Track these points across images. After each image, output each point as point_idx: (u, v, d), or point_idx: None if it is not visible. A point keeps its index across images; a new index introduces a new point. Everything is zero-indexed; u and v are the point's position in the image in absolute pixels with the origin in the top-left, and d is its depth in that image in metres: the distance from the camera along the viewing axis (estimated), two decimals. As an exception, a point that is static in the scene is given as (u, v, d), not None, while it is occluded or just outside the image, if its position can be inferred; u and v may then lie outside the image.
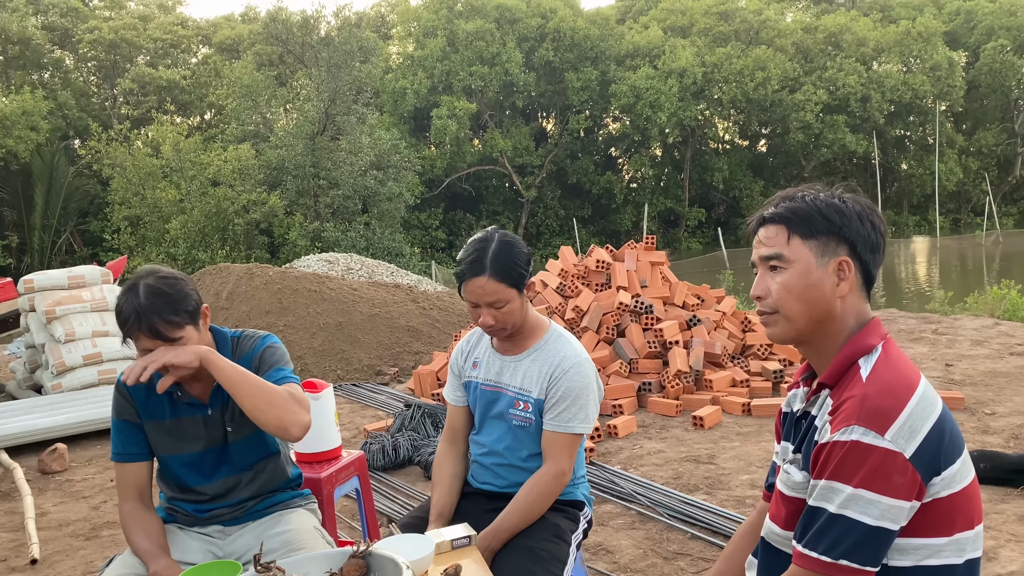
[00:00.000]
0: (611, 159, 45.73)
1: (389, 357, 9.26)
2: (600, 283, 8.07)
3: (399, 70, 37.71)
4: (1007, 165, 44.47)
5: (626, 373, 7.09)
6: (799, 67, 39.39)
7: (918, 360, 7.56)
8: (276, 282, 10.03)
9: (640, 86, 36.30)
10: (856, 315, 1.57)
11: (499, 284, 2.40)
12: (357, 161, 24.42)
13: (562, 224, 41.01)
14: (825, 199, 1.56)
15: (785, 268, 1.55)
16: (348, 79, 24.46)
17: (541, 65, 38.17)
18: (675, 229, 42.81)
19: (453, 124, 34.63)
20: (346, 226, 24.21)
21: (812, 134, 39.46)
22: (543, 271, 8.45)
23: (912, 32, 40.33)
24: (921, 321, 9.44)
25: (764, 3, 44.49)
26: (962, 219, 44.18)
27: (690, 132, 40.52)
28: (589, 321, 7.50)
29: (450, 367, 2.77)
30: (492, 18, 37.39)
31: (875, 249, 1.56)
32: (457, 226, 40.04)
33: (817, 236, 1.53)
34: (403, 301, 10.33)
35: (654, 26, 40.50)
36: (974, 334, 8.48)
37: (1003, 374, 6.84)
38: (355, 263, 13.31)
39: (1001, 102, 44.01)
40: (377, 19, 44.04)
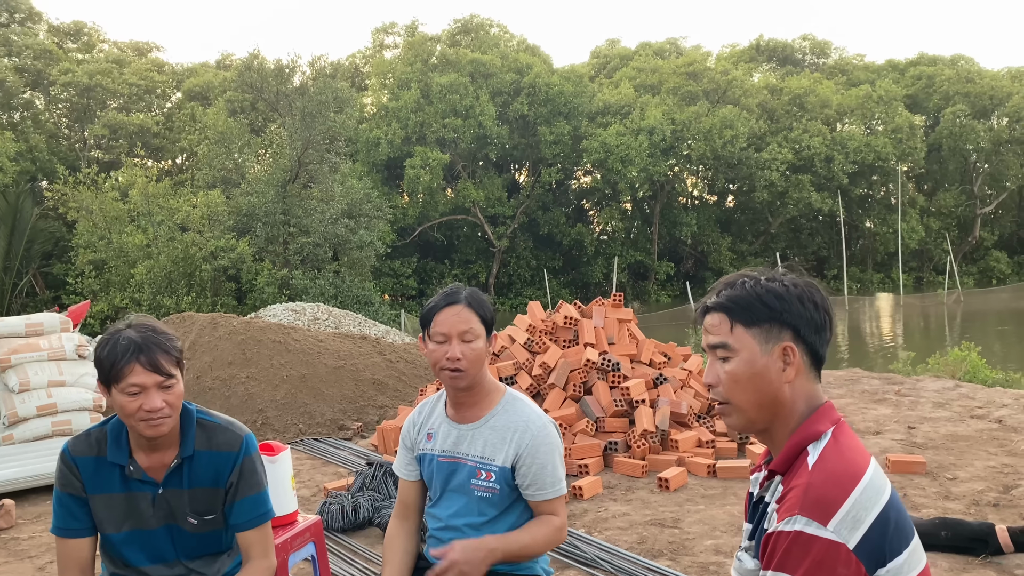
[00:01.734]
0: (582, 211, 46.24)
1: (353, 411, 9.12)
2: (568, 339, 8.05)
3: (373, 120, 38.06)
4: (967, 226, 45.65)
5: (592, 432, 7.05)
6: (765, 127, 40.38)
7: (881, 422, 7.61)
8: (240, 332, 9.89)
9: (611, 142, 36.94)
10: (807, 399, 1.55)
11: (472, 314, 2.38)
12: (328, 209, 24.41)
13: (533, 274, 41.20)
14: (765, 285, 1.56)
15: (731, 357, 1.55)
16: (322, 128, 24.58)
17: (515, 119, 38.74)
18: (645, 282, 43.18)
19: (426, 174, 34.90)
20: (315, 273, 24.07)
21: (778, 192, 40.28)
22: (511, 326, 8.42)
23: (874, 96, 41.65)
24: (884, 382, 9.52)
25: (731, 64, 45.80)
26: (924, 277, 45.11)
27: (659, 187, 41.17)
28: (556, 378, 7.47)
29: (401, 439, 2.68)
30: (467, 72, 37.99)
31: (819, 329, 1.55)
32: (429, 275, 40.06)
33: (759, 324, 1.54)
34: (369, 353, 10.23)
35: (625, 84, 41.40)
36: (936, 396, 8.58)
37: (964, 438, 6.89)
38: (322, 313, 13.19)
39: (960, 165, 45.37)
40: (352, 70, 44.52)
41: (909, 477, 5.91)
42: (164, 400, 2.16)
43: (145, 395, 2.14)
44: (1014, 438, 6.79)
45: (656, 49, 48.83)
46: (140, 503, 2.29)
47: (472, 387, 2.48)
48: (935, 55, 49.12)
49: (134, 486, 2.29)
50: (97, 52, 38.77)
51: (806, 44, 50.71)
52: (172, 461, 2.28)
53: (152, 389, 2.13)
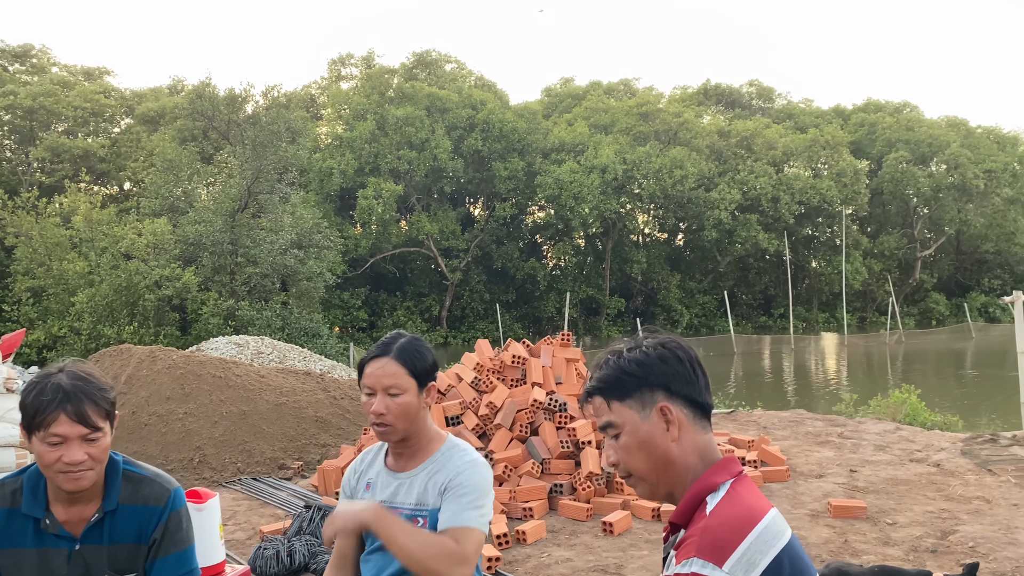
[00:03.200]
0: (536, 246, 46.47)
1: (294, 450, 8.90)
2: (515, 379, 7.99)
3: (327, 150, 37.87)
4: (908, 268, 47.00)
5: (538, 474, 6.97)
6: (714, 167, 41.23)
7: (824, 465, 7.67)
8: (179, 366, 9.62)
9: (564, 179, 37.32)
10: (698, 451, 1.58)
11: (400, 368, 2.31)
12: (278, 239, 24.08)
13: (486, 308, 41.13)
14: (626, 356, 1.62)
15: (619, 432, 1.60)
16: (273, 158, 24.33)
17: (470, 153, 38.93)
18: (596, 317, 43.42)
19: (379, 205, 34.77)
20: (262, 305, 23.66)
21: (726, 231, 41.02)
22: (458, 364, 8.34)
23: (819, 140, 42.90)
24: (828, 424, 9.63)
25: (682, 106, 46.79)
26: (868, 317, 46.18)
27: (612, 224, 41.63)
28: (503, 418, 7.38)
29: (342, 488, 2.62)
30: (423, 106, 38.14)
31: (690, 380, 1.60)
32: (380, 307, 39.72)
33: (631, 394, 1.59)
34: (313, 390, 10.01)
35: (579, 123, 41.97)
36: (877, 439, 8.69)
37: (904, 481, 6.97)
38: (266, 347, 12.91)
39: (901, 209, 46.82)
40: (307, 99, 44.35)
41: (850, 522, 5.94)
42: (87, 453, 2.03)
43: (67, 446, 2.01)
44: (951, 483, 6.89)
45: (608, 88, 49.72)
46: (54, 560, 2.14)
47: (406, 439, 2.41)
48: (881, 102, 50.96)
49: (48, 541, 2.15)
50: (44, 74, 37.99)
51: (752, 89, 52.17)
52: (93, 515, 2.14)
53: (75, 441, 2.01)
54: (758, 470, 7.29)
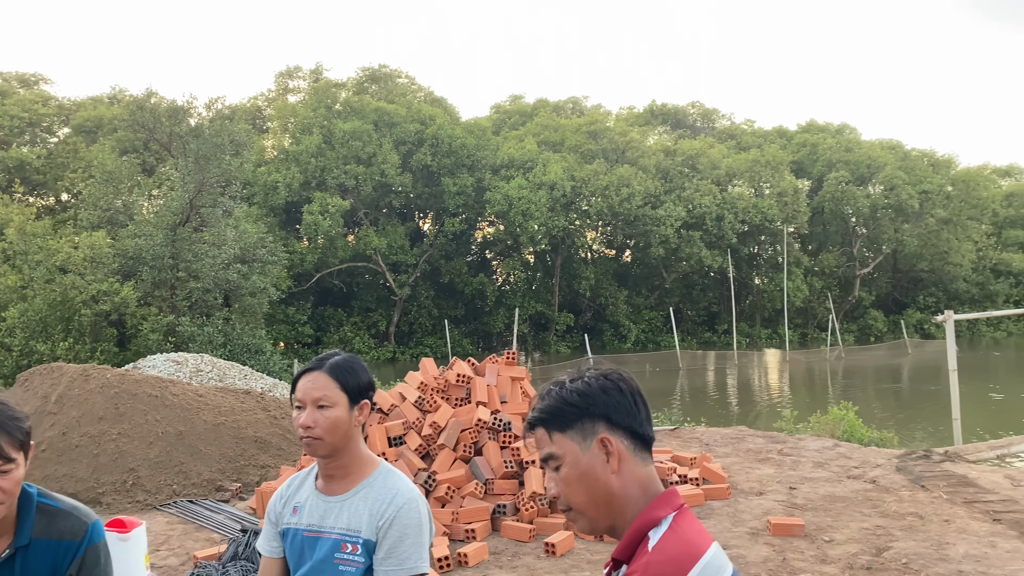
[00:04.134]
0: (485, 261, 46.49)
1: (232, 471, 8.68)
2: (460, 398, 7.93)
3: (273, 163, 37.38)
4: (847, 286, 48.23)
5: (481, 494, 6.91)
6: (660, 186, 41.83)
7: (764, 483, 7.76)
8: (114, 385, 9.32)
9: (513, 195, 37.45)
10: (640, 484, 1.57)
11: (330, 381, 2.28)
12: (220, 254, 23.59)
13: (435, 323, 40.93)
14: (569, 387, 1.62)
15: (560, 464, 1.59)
16: (216, 171, 23.85)
17: (419, 168, 38.82)
18: (545, 332, 43.54)
19: (325, 220, 34.42)
20: (204, 320, 23.12)
21: (672, 248, 41.61)
22: (402, 383, 8.24)
23: (761, 160, 43.89)
24: (768, 440, 9.77)
25: (629, 126, 47.47)
26: (809, 334, 47.19)
27: (560, 240, 41.89)
28: (446, 438, 7.31)
29: (266, 514, 2.53)
30: (371, 120, 37.95)
31: (631, 412, 1.60)
32: (326, 322, 39.23)
33: (572, 425, 1.58)
34: (252, 409, 9.80)
35: (528, 139, 42.22)
36: (816, 455, 8.84)
37: (841, 498, 7.09)
38: (205, 364, 12.60)
39: (841, 228, 48.09)
40: (253, 111, 43.77)
41: (789, 540, 6.01)
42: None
43: None
44: (886, 499, 7.03)
45: (557, 106, 50.19)
46: None
47: (334, 456, 2.37)
48: (822, 123, 52.42)
49: None
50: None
51: (695, 111, 53.22)
52: (3, 551, 2.04)
53: None
54: (700, 488, 7.35)
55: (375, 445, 7.31)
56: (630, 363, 35.12)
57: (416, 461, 7.12)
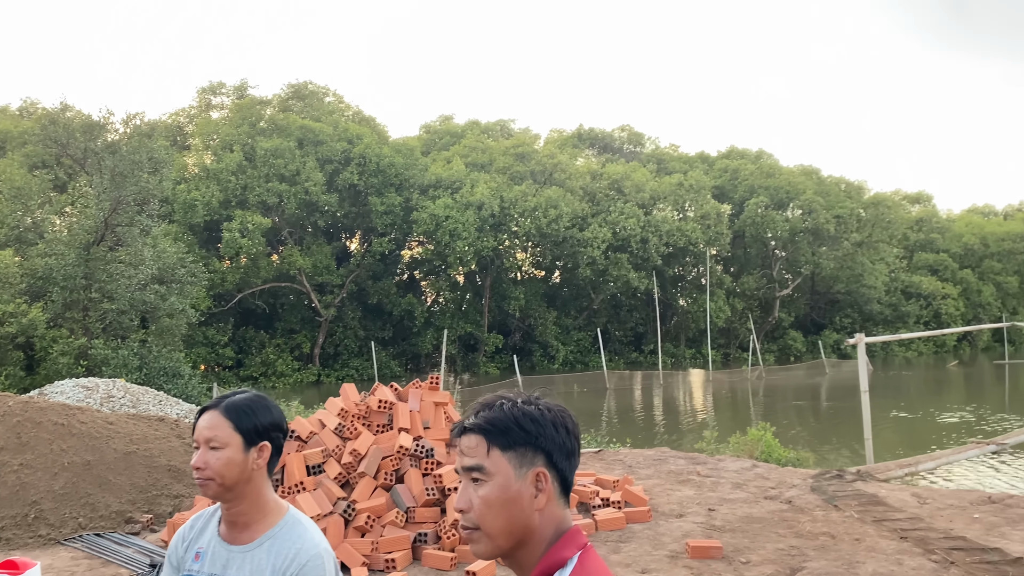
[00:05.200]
0: (414, 281, 46.20)
1: (143, 502, 8.34)
2: (382, 424, 7.81)
3: (193, 181, 36.43)
4: (768, 307, 49.64)
5: (402, 523, 6.79)
6: (587, 208, 42.40)
7: (684, 504, 7.86)
8: (16, 413, 8.86)
9: (440, 215, 37.40)
10: (555, 525, 1.54)
11: (224, 421, 2.20)
12: (137, 274, 22.82)
13: (361, 345, 40.39)
14: (522, 407, 1.56)
15: (486, 481, 1.52)
16: (133, 189, 23.13)
17: (345, 187, 38.42)
18: (475, 353, 43.44)
19: (245, 239, 33.71)
20: (118, 343, 22.30)
21: (599, 269, 42.16)
22: (321, 409, 8.08)
23: (685, 184, 44.99)
24: (689, 462, 9.91)
25: (557, 148, 48.08)
26: (731, 354, 48.33)
27: (490, 261, 41.97)
28: (367, 466, 7.18)
29: (167, 557, 2.42)
30: (295, 138, 37.42)
31: (570, 455, 1.57)
32: (248, 344, 38.29)
33: (515, 447, 1.52)
34: (166, 436, 9.45)
35: (457, 160, 42.29)
36: (735, 476, 9.00)
37: (758, 519, 7.23)
38: (117, 390, 12.11)
39: (761, 251, 49.56)
40: (174, 128, 42.67)
41: (707, 563, 6.08)
42: None
43: None
44: (801, 519, 7.19)
45: (486, 128, 50.49)
46: None
47: (231, 501, 2.27)
48: (742, 149, 54.02)
49: None
50: None
51: (624, 134, 54.28)
52: None
53: None
54: (622, 511, 7.39)
55: (293, 474, 7.13)
56: (559, 384, 35.32)
57: (335, 490, 6.97)
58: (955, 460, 11.08)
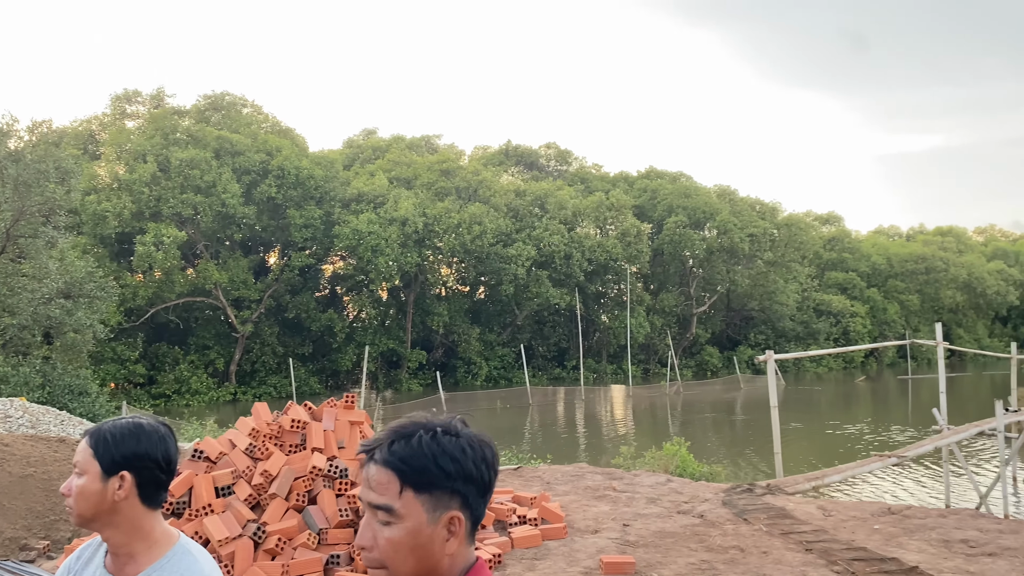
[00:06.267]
0: (335, 297, 45.52)
1: (40, 527, 7.94)
2: (294, 444, 7.64)
3: (104, 192, 35.10)
4: (685, 323, 50.77)
5: (314, 545, 6.65)
6: (511, 224, 42.66)
7: (600, 520, 7.93)
8: (-101, 437, 8.34)
9: (363, 229, 37.02)
10: (463, 563, 1.47)
11: (87, 449, 2.13)
12: (41, 288, 21.80)
13: (280, 362, 39.50)
14: (442, 443, 1.42)
15: (394, 523, 1.39)
16: (39, 199, 22.14)
17: (263, 199, 37.63)
18: (397, 370, 43.03)
19: (159, 252, 32.64)
20: (19, 360, 21.23)
21: (522, 285, 42.41)
22: (232, 430, 7.86)
23: (606, 202, 45.80)
24: (607, 477, 10.02)
25: (481, 165, 48.28)
26: (651, 369, 49.21)
27: (413, 277, 41.73)
28: (278, 487, 7.01)
29: None
30: (211, 148, 36.52)
31: (485, 492, 1.46)
32: (161, 360, 36.98)
33: (430, 490, 1.40)
34: (66, 458, 9.03)
35: (380, 175, 41.98)
36: (650, 491, 9.14)
37: (671, 534, 7.35)
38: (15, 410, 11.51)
39: (680, 269, 50.74)
40: (85, 135, 41.12)
41: (620, 579, 6.14)
42: None
43: None
44: (712, 533, 7.35)
45: (410, 143, 50.33)
46: None
47: (102, 531, 2.18)
48: (661, 170, 55.30)
49: None
50: None
51: (551, 152, 54.88)
52: None
53: None
54: (538, 528, 7.41)
55: (201, 496, 6.91)
56: (482, 400, 35.30)
57: (245, 512, 6.78)
58: (859, 473, 11.52)
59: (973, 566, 6.31)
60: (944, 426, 13.00)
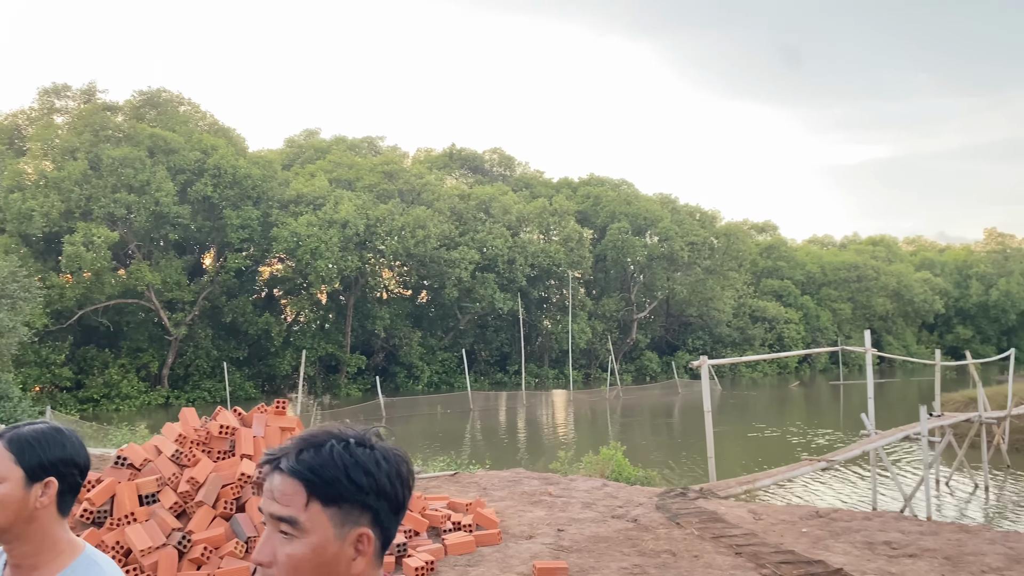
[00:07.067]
0: (272, 300, 44.72)
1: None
2: (223, 451, 7.44)
3: (30, 189, 33.80)
4: (626, 328, 51.31)
5: (242, 554, 6.47)
6: (455, 228, 42.55)
7: (535, 525, 7.91)
8: None
9: (302, 232, 36.44)
10: None
11: (5, 454, 2.01)
12: (-40, 288, 20.95)
13: (214, 366, 38.60)
14: (355, 454, 1.32)
15: (297, 538, 1.28)
16: (-42, 195, 21.27)
17: (198, 199, 36.75)
18: (336, 375, 42.46)
19: (90, 253, 31.60)
20: (-65, 363, 20.35)
21: (465, 290, 42.32)
22: (158, 436, 7.62)
23: (549, 208, 46.05)
24: (543, 482, 10.02)
25: (427, 168, 48.07)
26: (592, 374, 49.58)
27: (354, 280, 41.25)
28: (205, 495, 6.81)
29: None
30: (145, 146, 35.54)
31: (398, 510, 1.37)
32: (89, 364, 35.80)
33: (340, 503, 1.30)
34: (-19, 467, 8.62)
35: (321, 176, 41.41)
36: (585, 496, 9.16)
37: (604, 539, 7.37)
38: (-73, 416, 10.96)
39: (621, 275, 51.29)
40: (11, 130, 39.60)
41: (552, 585, 6.12)
42: None
43: None
44: (645, 537, 7.39)
45: (352, 144, 49.81)
46: None
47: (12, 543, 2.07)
48: (603, 177, 55.84)
49: None
50: None
51: (495, 157, 54.95)
52: None
53: None
54: (472, 535, 7.35)
55: (123, 505, 6.67)
56: (422, 405, 35.06)
57: (170, 520, 6.57)
58: (790, 476, 11.76)
59: (895, 567, 6.47)
60: (872, 431, 13.38)
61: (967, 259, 73.32)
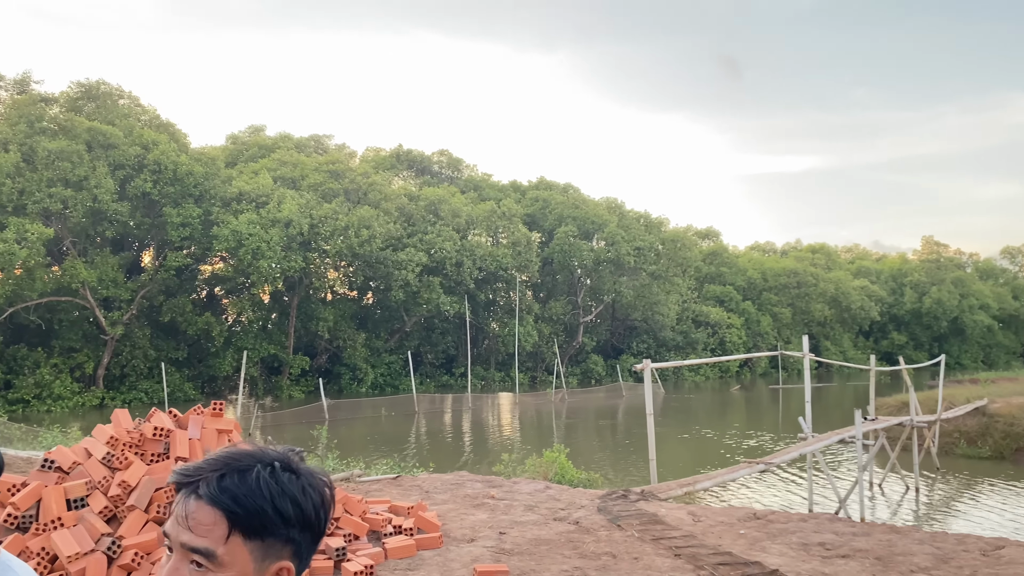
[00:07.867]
0: (214, 299, 43.81)
1: None
2: (157, 453, 7.24)
3: (-43, 183, 32.56)
4: (572, 332, 51.62)
5: (174, 559, 6.30)
6: (402, 229, 42.26)
7: (476, 529, 7.88)
8: None
9: (243, 231, 35.74)
10: None
11: None
12: None
13: (152, 366, 37.62)
14: (281, 483, 1.23)
15: (213, 572, 1.19)
16: None
17: (138, 196, 35.80)
18: (278, 376, 41.78)
19: (23, 249, 30.51)
20: None
21: (412, 292, 42.06)
22: (88, 438, 7.37)
23: (498, 211, 46.08)
24: (486, 485, 9.99)
25: (374, 168, 47.65)
26: (538, 377, 49.75)
27: (297, 280, 40.66)
28: (137, 499, 6.62)
29: None
30: (83, 140, 34.48)
31: (318, 540, 1.29)
32: (20, 363, 34.56)
33: (264, 536, 1.21)
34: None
35: (264, 174, 40.70)
36: (528, 499, 9.16)
37: (546, 541, 7.37)
38: None
39: (568, 278, 51.58)
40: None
41: (493, 588, 6.09)
42: None
43: None
44: (586, 540, 7.42)
45: (298, 143, 49.12)
46: None
47: None
48: (551, 181, 56.13)
49: None
50: None
51: (443, 159, 54.78)
52: None
53: None
54: (413, 538, 7.29)
55: (50, 509, 6.43)
56: (366, 408, 34.71)
57: (99, 525, 6.36)
58: (729, 479, 11.95)
59: (828, 568, 6.61)
60: (809, 434, 13.68)
61: (902, 268, 75.69)
